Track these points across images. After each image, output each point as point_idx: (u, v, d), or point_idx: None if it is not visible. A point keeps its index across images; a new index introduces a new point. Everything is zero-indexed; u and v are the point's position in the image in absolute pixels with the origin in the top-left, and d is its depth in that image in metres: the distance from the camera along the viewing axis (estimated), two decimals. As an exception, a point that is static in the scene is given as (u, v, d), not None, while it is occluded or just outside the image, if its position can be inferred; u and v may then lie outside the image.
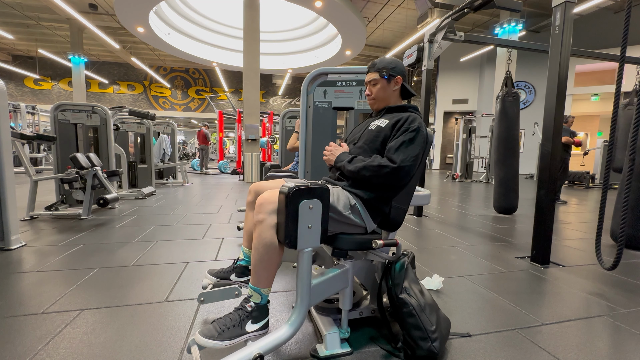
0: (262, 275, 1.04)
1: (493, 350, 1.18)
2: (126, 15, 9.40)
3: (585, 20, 10.21)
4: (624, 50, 1.76)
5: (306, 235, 0.98)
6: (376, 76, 1.33)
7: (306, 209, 0.97)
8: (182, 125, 23.82)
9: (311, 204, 0.97)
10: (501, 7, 2.57)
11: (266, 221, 1.02)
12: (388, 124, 1.24)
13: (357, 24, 9.81)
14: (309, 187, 0.98)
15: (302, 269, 1.01)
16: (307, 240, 0.98)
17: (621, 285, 1.84)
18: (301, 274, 1.01)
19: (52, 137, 3.16)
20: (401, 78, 1.34)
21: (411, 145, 1.16)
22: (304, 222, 0.97)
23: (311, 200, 0.98)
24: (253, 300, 1.05)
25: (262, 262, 1.03)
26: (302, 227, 0.97)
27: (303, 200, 0.96)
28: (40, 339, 1.17)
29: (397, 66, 1.33)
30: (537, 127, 8.60)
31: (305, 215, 0.97)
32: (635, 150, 1.68)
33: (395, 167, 1.12)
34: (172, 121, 6.96)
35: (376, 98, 1.35)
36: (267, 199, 1.05)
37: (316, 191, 0.99)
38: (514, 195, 3.83)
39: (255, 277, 1.05)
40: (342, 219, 1.14)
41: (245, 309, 1.04)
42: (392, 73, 1.32)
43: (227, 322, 1.01)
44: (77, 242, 2.36)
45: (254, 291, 1.05)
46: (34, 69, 15.95)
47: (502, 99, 3.74)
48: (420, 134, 1.19)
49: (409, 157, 1.14)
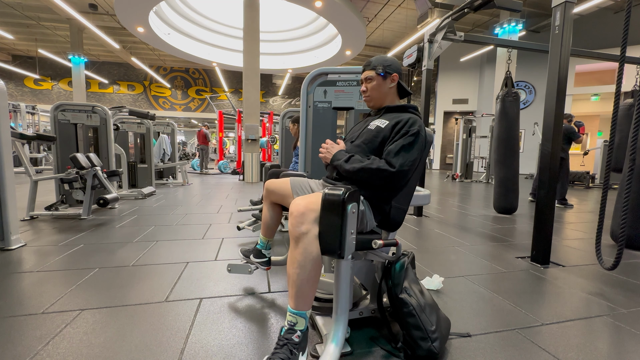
0: (308, 295, 0.94)
1: (493, 350, 1.18)
2: (126, 15, 9.40)
3: (585, 20, 10.20)
4: (624, 50, 1.76)
5: (350, 241, 0.92)
6: (372, 73, 1.32)
7: (351, 214, 0.91)
8: (182, 125, 23.82)
9: (354, 209, 0.92)
10: (501, 7, 2.57)
11: (311, 232, 0.94)
12: (388, 125, 1.23)
13: (357, 24, 9.80)
14: (354, 191, 0.93)
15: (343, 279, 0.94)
16: (350, 247, 0.92)
17: (621, 285, 1.84)
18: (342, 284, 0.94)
19: (52, 137, 3.16)
20: (397, 75, 1.33)
21: (411, 149, 1.16)
22: (349, 228, 0.91)
23: (354, 204, 0.93)
24: (298, 328, 0.94)
25: (310, 280, 0.93)
26: (348, 234, 0.91)
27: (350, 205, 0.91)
28: (40, 339, 1.17)
29: (393, 64, 1.33)
30: (537, 127, 8.60)
31: (351, 221, 0.91)
32: (635, 150, 1.68)
33: (393, 171, 1.11)
34: (172, 121, 6.96)
35: (371, 95, 1.34)
36: (307, 207, 0.97)
37: (356, 194, 0.94)
38: (514, 195, 3.83)
39: (300, 299, 0.94)
40: None
41: (293, 341, 0.93)
42: (388, 70, 1.31)
43: None
44: (77, 242, 2.36)
45: (299, 317, 0.94)
46: (34, 69, 15.94)
47: (502, 99, 3.74)
48: (419, 138, 1.18)
49: (407, 161, 1.14)
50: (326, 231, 0.91)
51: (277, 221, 1.48)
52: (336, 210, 0.89)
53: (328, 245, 0.91)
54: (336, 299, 0.96)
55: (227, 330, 1.26)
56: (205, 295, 1.56)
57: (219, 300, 1.50)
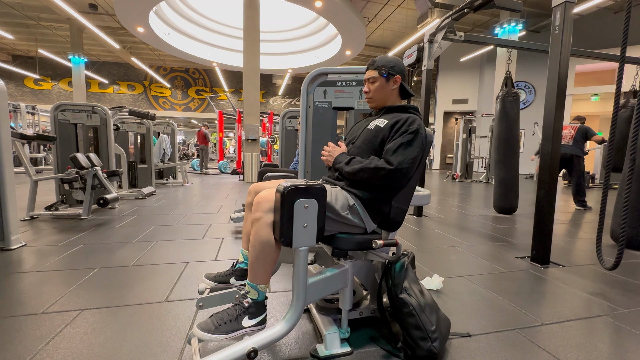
0: (258, 272, 1.06)
1: (493, 350, 1.18)
2: (126, 15, 9.39)
3: (585, 20, 10.20)
4: (624, 50, 1.76)
5: (302, 234, 0.99)
6: (375, 74, 1.31)
7: (301, 208, 0.98)
8: (182, 125, 23.82)
9: (307, 203, 0.98)
10: (501, 7, 2.57)
11: (263, 219, 1.03)
12: (387, 124, 1.23)
13: (357, 24, 9.80)
14: (305, 187, 0.99)
15: (298, 267, 1.02)
16: (302, 239, 1.00)
17: (621, 285, 1.84)
18: (297, 272, 1.02)
19: (52, 137, 3.16)
20: (400, 77, 1.32)
21: (409, 147, 1.16)
22: (300, 221, 0.98)
23: (307, 199, 0.99)
24: (250, 297, 1.06)
25: (259, 259, 1.05)
26: (298, 226, 0.98)
27: (298, 199, 0.97)
28: (40, 339, 1.17)
29: (397, 65, 1.32)
30: (537, 127, 8.60)
31: (301, 214, 0.98)
32: (635, 150, 1.68)
33: (392, 169, 1.12)
34: (172, 121, 6.96)
35: (373, 96, 1.34)
36: (264, 197, 1.06)
37: (312, 190, 1.00)
38: (514, 195, 3.83)
39: (252, 273, 1.07)
40: (340, 219, 1.14)
41: (242, 304, 1.06)
42: (392, 72, 1.31)
43: (224, 317, 1.03)
44: (77, 242, 2.36)
45: (251, 287, 1.07)
46: (34, 69, 15.94)
47: (502, 99, 3.74)
48: (419, 136, 1.18)
49: (406, 159, 1.14)
50: (275, 221, 1.01)
51: None
52: (280, 202, 0.97)
53: (275, 232, 1.01)
54: (293, 286, 1.04)
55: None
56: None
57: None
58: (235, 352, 0.94)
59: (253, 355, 0.95)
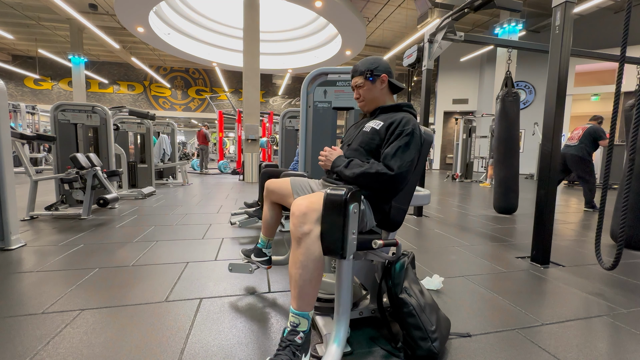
0: (310, 296, 0.94)
1: (493, 350, 1.18)
2: (126, 15, 9.39)
3: (585, 20, 10.20)
4: (624, 50, 1.76)
5: (352, 241, 0.92)
6: (361, 80, 1.32)
7: (353, 214, 0.91)
8: (182, 125, 23.81)
9: (355, 209, 0.92)
10: (501, 7, 2.57)
11: (313, 232, 0.93)
12: (382, 126, 1.23)
13: (357, 24, 9.80)
14: (355, 191, 0.93)
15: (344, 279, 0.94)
16: (351, 247, 0.92)
17: (621, 285, 1.84)
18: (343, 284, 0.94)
19: (52, 137, 3.16)
20: (386, 75, 1.32)
21: (407, 150, 1.15)
22: (351, 228, 0.91)
23: (355, 204, 0.93)
24: (301, 330, 0.94)
25: (312, 280, 0.93)
26: (350, 234, 0.91)
27: (352, 205, 0.90)
28: (40, 339, 1.17)
29: (380, 64, 1.32)
30: (537, 127, 8.60)
31: (353, 221, 0.91)
32: (635, 150, 1.67)
33: (393, 175, 1.11)
34: (172, 121, 6.96)
35: (365, 100, 1.34)
36: (309, 207, 0.96)
37: (357, 194, 0.94)
38: (514, 195, 3.83)
39: (302, 300, 0.93)
40: None
41: (296, 342, 0.92)
42: (376, 72, 1.30)
43: None
44: (77, 242, 2.36)
45: (301, 318, 0.93)
46: (34, 69, 15.93)
47: (502, 99, 3.74)
48: (414, 137, 1.17)
49: (405, 162, 1.13)
50: (328, 231, 0.90)
51: (277, 220, 1.50)
52: (338, 211, 0.88)
53: (330, 245, 0.90)
54: (337, 299, 0.96)
55: (227, 330, 1.26)
56: (205, 295, 1.56)
57: (219, 300, 1.50)
58: None
59: None
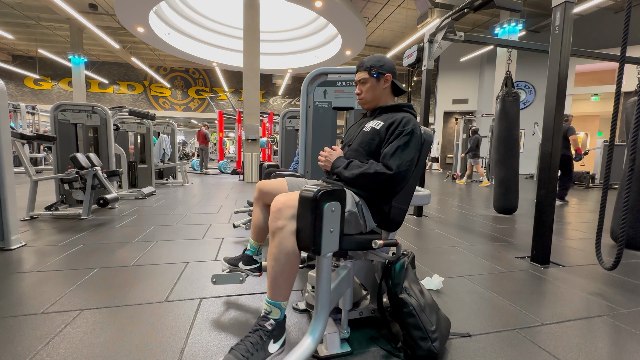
0: (283, 287, 0.99)
1: (493, 350, 1.18)
2: (126, 15, 9.39)
3: (585, 20, 10.21)
4: (624, 50, 1.76)
5: (329, 239, 0.94)
6: (365, 75, 1.30)
7: (329, 213, 0.93)
8: (182, 125, 23.82)
9: (333, 207, 0.94)
10: (501, 7, 2.57)
11: (287, 227, 0.97)
12: (383, 126, 1.22)
13: (357, 24, 9.80)
14: (332, 190, 0.95)
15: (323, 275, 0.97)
16: (329, 244, 0.95)
17: (621, 285, 1.84)
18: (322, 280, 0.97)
19: (52, 137, 3.16)
20: (391, 75, 1.31)
21: (406, 149, 1.15)
22: (327, 226, 0.93)
23: (333, 202, 0.94)
24: (272, 317, 0.99)
25: (284, 272, 0.97)
26: (326, 232, 0.93)
27: (327, 204, 0.93)
28: (40, 339, 1.17)
29: (386, 63, 1.31)
30: (537, 127, 8.60)
31: (329, 219, 0.93)
32: (635, 150, 1.68)
33: (391, 174, 1.11)
34: (172, 121, 6.96)
35: (366, 97, 1.33)
36: (285, 203, 0.99)
37: (336, 193, 0.96)
38: (514, 195, 3.83)
39: (275, 290, 0.98)
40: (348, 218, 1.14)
41: (265, 328, 0.98)
42: (381, 71, 1.29)
43: (249, 347, 0.94)
44: (77, 242, 2.36)
45: (273, 306, 0.99)
46: (34, 69, 15.93)
47: (502, 99, 3.74)
48: (414, 137, 1.17)
49: (404, 162, 1.13)
50: (302, 228, 0.94)
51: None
52: (310, 208, 0.91)
53: (303, 241, 0.95)
54: (316, 295, 0.98)
55: (227, 330, 1.26)
56: (205, 295, 1.56)
57: (218, 300, 1.50)
58: None
59: None
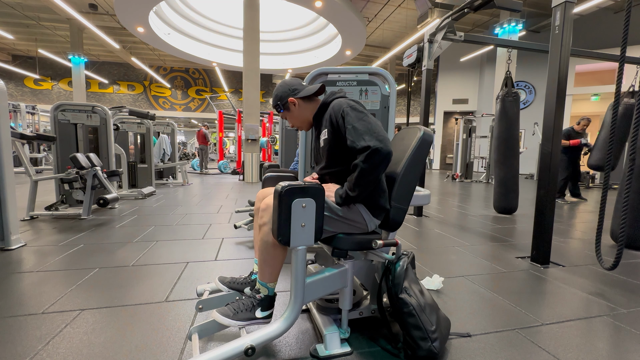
0: (266, 271, 1.14)
1: (493, 350, 1.18)
2: (126, 15, 9.39)
3: (585, 20, 10.20)
4: (624, 50, 1.76)
5: (299, 233, 1.01)
6: (279, 113, 1.37)
7: (299, 208, 1.00)
8: (182, 125, 23.81)
9: (304, 203, 1.00)
10: (501, 7, 2.57)
11: (268, 225, 1.09)
12: (329, 131, 1.22)
13: (357, 24, 9.80)
14: (302, 187, 1.00)
15: (296, 266, 1.03)
16: (300, 238, 1.01)
17: (621, 285, 1.84)
18: (295, 271, 1.04)
19: (52, 137, 3.16)
20: (293, 98, 1.31)
21: (360, 122, 1.11)
22: (297, 220, 1.00)
23: (304, 199, 1.00)
24: (262, 293, 1.15)
25: (267, 261, 1.13)
26: (295, 226, 1.00)
27: (296, 199, 0.99)
28: (40, 339, 1.17)
29: (281, 94, 1.32)
30: (537, 127, 8.60)
31: (299, 214, 1.00)
32: (635, 150, 1.68)
33: (375, 148, 1.03)
34: (172, 121, 6.96)
35: (295, 124, 1.39)
36: (268, 204, 1.11)
37: (309, 190, 1.01)
38: (514, 195, 3.83)
39: (261, 273, 1.15)
40: (341, 219, 1.14)
41: (256, 298, 1.14)
42: (283, 102, 1.33)
43: (240, 306, 1.12)
44: (77, 242, 2.36)
45: (260, 285, 1.15)
46: (34, 69, 15.94)
47: (502, 99, 3.74)
48: (353, 109, 1.15)
49: (368, 130, 1.08)
50: (273, 220, 1.04)
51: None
52: (277, 202, 1.00)
53: (274, 232, 1.03)
54: (291, 285, 1.05)
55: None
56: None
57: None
58: (233, 349, 0.96)
59: (250, 352, 0.97)
